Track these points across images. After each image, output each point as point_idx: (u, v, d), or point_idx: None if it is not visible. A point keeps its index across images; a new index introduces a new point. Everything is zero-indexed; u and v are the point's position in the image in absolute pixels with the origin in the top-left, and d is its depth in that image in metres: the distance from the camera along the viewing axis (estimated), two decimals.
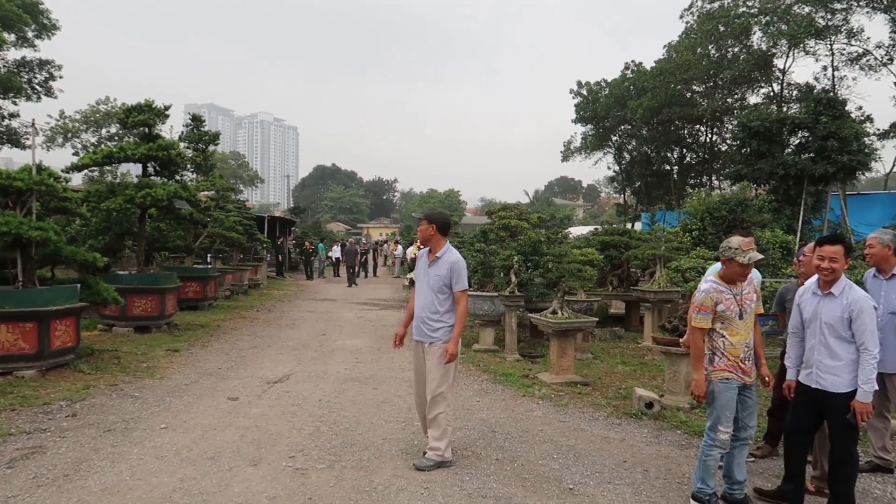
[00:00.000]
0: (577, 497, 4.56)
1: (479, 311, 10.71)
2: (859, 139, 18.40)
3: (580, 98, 40.07)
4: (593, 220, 57.26)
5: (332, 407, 6.80)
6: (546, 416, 6.69)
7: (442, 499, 4.44)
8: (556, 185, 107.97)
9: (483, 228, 15.12)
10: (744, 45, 31.30)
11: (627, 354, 10.41)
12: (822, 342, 4.24)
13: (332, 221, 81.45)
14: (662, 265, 10.92)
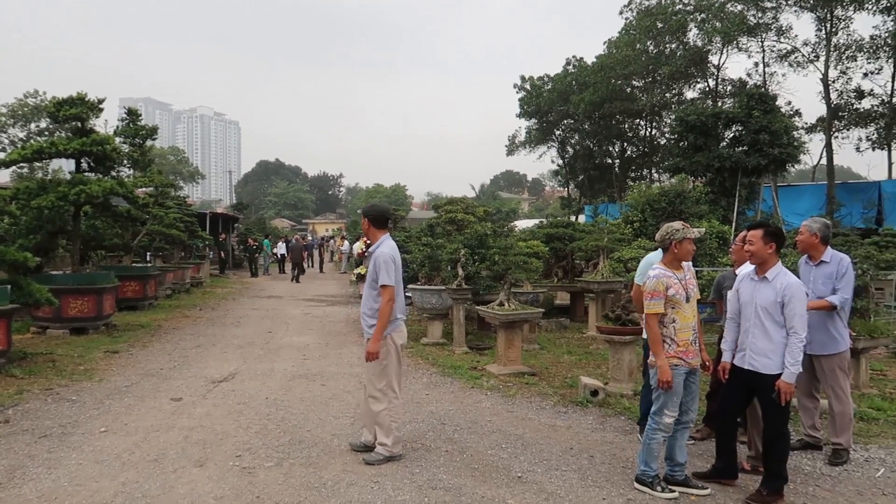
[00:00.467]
0: (526, 484, 4.63)
1: (426, 305, 10.74)
2: (789, 133, 19.18)
3: (524, 93, 40.47)
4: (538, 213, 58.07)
5: (279, 405, 6.71)
6: (494, 406, 6.77)
7: (392, 491, 4.45)
8: (502, 179, 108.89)
9: (430, 222, 15.15)
10: (680, 42, 32.17)
11: (573, 344, 10.62)
12: (756, 325, 4.44)
13: (277, 217, 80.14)
14: (605, 256, 11.16)
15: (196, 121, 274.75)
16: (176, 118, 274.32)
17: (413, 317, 13.56)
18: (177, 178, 62.15)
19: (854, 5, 26.50)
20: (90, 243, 12.84)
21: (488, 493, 4.46)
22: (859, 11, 26.68)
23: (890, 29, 26.05)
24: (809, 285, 5.25)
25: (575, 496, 4.44)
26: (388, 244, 5.13)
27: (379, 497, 4.36)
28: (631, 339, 7.03)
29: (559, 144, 42.26)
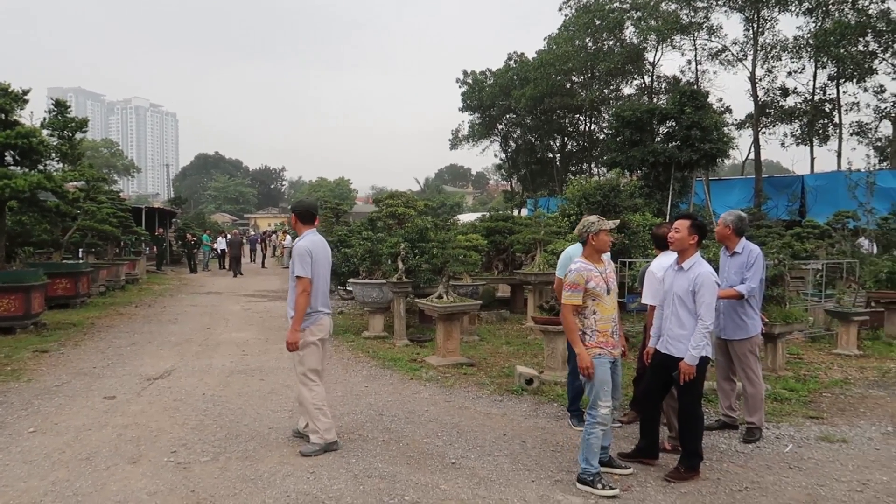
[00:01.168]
0: (459, 470, 4.79)
1: (367, 299, 10.80)
2: (719, 129, 19.95)
3: (466, 87, 40.76)
4: (482, 207, 58.52)
5: (216, 400, 6.69)
6: (432, 396, 6.91)
7: (328, 481, 4.54)
8: (447, 173, 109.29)
9: (371, 216, 15.18)
10: (618, 39, 32.95)
11: (512, 335, 10.86)
12: (672, 312, 4.71)
13: (217, 212, 78.40)
14: (542, 249, 11.44)
15: (130, 112, 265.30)
16: (109, 109, 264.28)
17: (355, 311, 13.60)
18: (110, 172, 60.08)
19: (779, 7, 27.71)
20: (17, 240, 12.38)
21: (422, 479, 4.60)
22: (784, 13, 27.93)
23: (812, 30, 27.33)
24: (724, 275, 5.58)
25: (505, 479, 4.62)
26: (308, 238, 5.23)
27: (315, 487, 4.44)
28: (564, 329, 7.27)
29: (502, 138, 42.75)
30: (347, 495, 4.31)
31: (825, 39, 25.93)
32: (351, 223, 18.77)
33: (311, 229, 5.35)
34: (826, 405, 6.60)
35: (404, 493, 4.36)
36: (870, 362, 8.65)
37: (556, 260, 10.64)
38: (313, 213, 5.47)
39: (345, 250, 12.86)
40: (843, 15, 26.66)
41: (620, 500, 4.29)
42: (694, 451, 4.66)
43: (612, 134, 22.63)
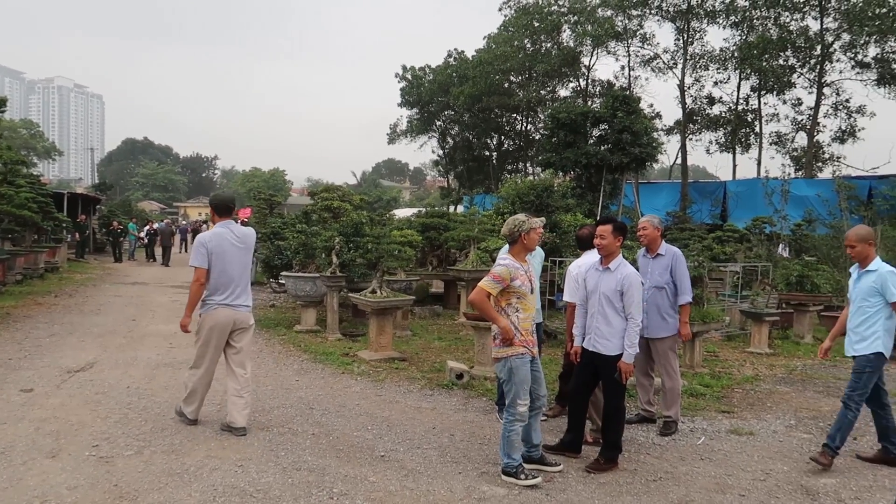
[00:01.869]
0: (388, 462, 4.87)
1: (300, 293, 10.73)
2: (649, 133, 20.68)
3: (405, 82, 40.71)
4: (419, 203, 58.66)
5: (141, 393, 6.55)
6: (364, 391, 6.96)
7: (256, 474, 4.54)
8: (384, 167, 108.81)
9: (306, 209, 15.03)
10: (555, 42, 33.60)
11: (445, 330, 11.00)
12: (599, 311, 4.92)
13: (145, 200, 75.64)
14: (475, 246, 11.62)
15: (53, 92, 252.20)
16: (29, 88, 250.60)
17: (287, 304, 13.46)
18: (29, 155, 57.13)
19: (708, 19, 28.87)
20: None
21: (351, 471, 4.66)
22: (712, 24, 29.12)
23: (737, 43, 28.60)
24: (647, 276, 5.85)
25: (433, 471, 4.73)
26: (213, 231, 5.44)
27: (242, 480, 4.44)
28: None
29: (440, 135, 42.91)
30: (276, 488, 4.33)
31: (749, 52, 27.19)
32: (285, 215, 18.51)
33: (224, 221, 5.48)
34: (737, 400, 7.00)
35: (333, 485, 4.41)
36: (779, 360, 9.21)
37: (490, 257, 10.87)
38: (230, 207, 5.59)
39: (278, 243, 12.72)
40: (766, 30, 28.02)
41: (543, 490, 4.46)
42: (614, 444, 4.89)
43: (547, 135, 23.10)
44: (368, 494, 4.29)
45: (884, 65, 26.74)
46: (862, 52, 27.12)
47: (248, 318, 5.53)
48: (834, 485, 4.71)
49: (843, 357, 9.59)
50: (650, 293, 5.77)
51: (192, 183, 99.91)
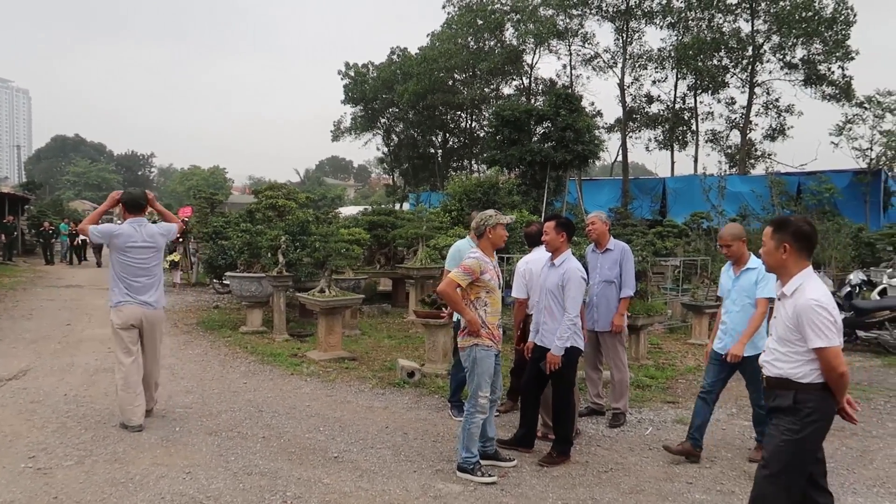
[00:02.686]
0: (342, 464, 4.82)
1: (245, 293, 10.49)
2: (591, 131, 21.05)
3: (349, 79, 40.32)
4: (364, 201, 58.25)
5: (80, 401, 6.29)
6: (314, 391, 6.86)
7: (205, 481, 4.41)
8: (328, 165, 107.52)
9: (250, 208, 14.72)
10: (498, 40, 33.87)
11: (394, 329, 10.95)
12: (545, 306, 4.99)
13: (77, 199, 72.65)
14: (424, 243, 11.61)
15: None
16: None
17: (232, 305, 13.16)
18: None
19: (646, 19, 29.60)
20: None
21: (304, 474, 4.59)
22: (650, 25, 29.87)
23: (674, 43, 29.42)
24: (596, 271, 5.96)
25: (388, 471, 4.70)
26: (122, 226, 5.64)
27: (191, 487, 4.31)
28: (445, 323, 7.43)
29: (384, 132, 42.68)
30: (227, 494, 4.22)
31: (685, 53, 28.02)
32: (228, 214, 18.07)
33: (134, 219, 5.63)
34: (681, 390, 7.20)
35: (286, 488, 4.33)
36: None
37: (439, 254, 10.87)
38: (140, 204, 5.74)
39: (222, 242, 12.41)
40: (701, 31, 28.92)
41: (498, 486, 4.49)
42: (566, 437, 4.96)
43: (491, 132, 23.28)
44: (323, 497, 4.24)
45: (810, 66, 27.98)
46: (790, 54, 28.34)
47: (156, 314, 5.63)
48: None
49: None
50: (600, 287, 5.87)
51: (127, 181, 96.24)
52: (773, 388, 3.27)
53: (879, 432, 5.84)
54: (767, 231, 3.36)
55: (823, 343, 3.06)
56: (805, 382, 3.14)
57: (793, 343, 3.18)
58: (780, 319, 3.28)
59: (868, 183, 23.31)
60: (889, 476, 4.79)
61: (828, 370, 3.10)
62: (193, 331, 10.40)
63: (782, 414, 3.20)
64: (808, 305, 3.10)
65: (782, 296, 3.29)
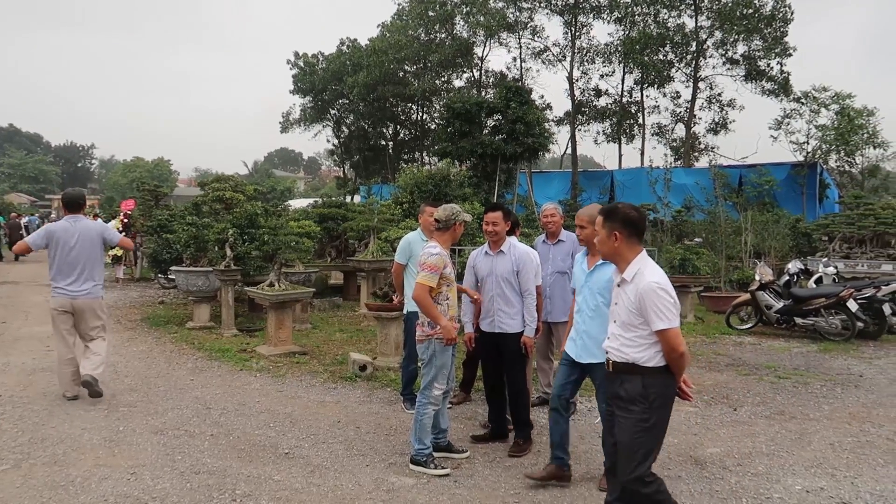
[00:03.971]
0: (293, 460, 4.75)
1: (192, 287, 10.25)
2: (541, 124, 21.21)
3: (297, 69, 39.65)
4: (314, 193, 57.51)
5: (16, 402, 6.04)
6: (264, 387, 6.75)
7: (151, 481, 4.30)
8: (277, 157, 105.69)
9: (196, 201, 14.35)
10: (449, 32, 33.80)
11: (345, 322, 10.86)
12: (499, 294, 5.03)
13: (13, 192, 69.64)
14: (375, 236, 11.53)
15: None
16: None
17: (178, 300, 12.83)
18: None
19: (593, 14, 29.97)
20: None
21: (254, 471, 4.51)
22: (598, 19, 30.26)
23: (621, 38, 29.90)
24: (548, 262, 6.01)
25: (340, 466, 4.66)
26: (60, 223, 6.12)
27: (136, 488, 4.19)
28: (397, 315, 7.40)
29: (334, 124, 42.14)
30: (173, 494, 4.12)
31: (631, 47, 28.50)
32: (173, 207, 17.59)
33: (71, 216, 6.14)
34: None
35: (235, 486, 4.25)
36: None
37: (390, 247, 10.82)
38: (79, 203, 6.26)
39: (167, 236, 12.08)
40: (647, 26, 29.45)
41: (451, 477, 4.50)
42: (526, 422, 5.04)
43: (442, 124, 23.23)
44: (273, 494, 4.17)
45: (751, 62, 28.82)
46: (732, 50, 29.15)
47: (88, 303, 6.08)
48: (719, 454, 5.05)
49: (721, 334, 10.34)
50: (553, 279, 5.93)
51: (67, 174, 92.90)
52: (620, 373, 3.32)
53: (816, 415, 6.07)
54: (599, 221, 3.43)
55: (666, 324, 3.15)
56: (650, 366, 3.23)
57: (636, 327, 3.25)
58: (622, 305, 3.34)
59: (805, 175, 24.20)
60: (826, 457, 4.99)
61: (669, 351, 3.20)
62: (138, 327, 10.11)
63: (631, 404, 3.25)
64: (649, 288, 3.18)
65: (623, 282, 3.35)
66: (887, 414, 6.12)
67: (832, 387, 7.07)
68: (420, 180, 13.85)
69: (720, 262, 13.74)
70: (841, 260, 13.73)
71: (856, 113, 25.12)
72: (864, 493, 4.34)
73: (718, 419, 5.93)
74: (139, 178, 46.07)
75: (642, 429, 3.23)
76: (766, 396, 6.68)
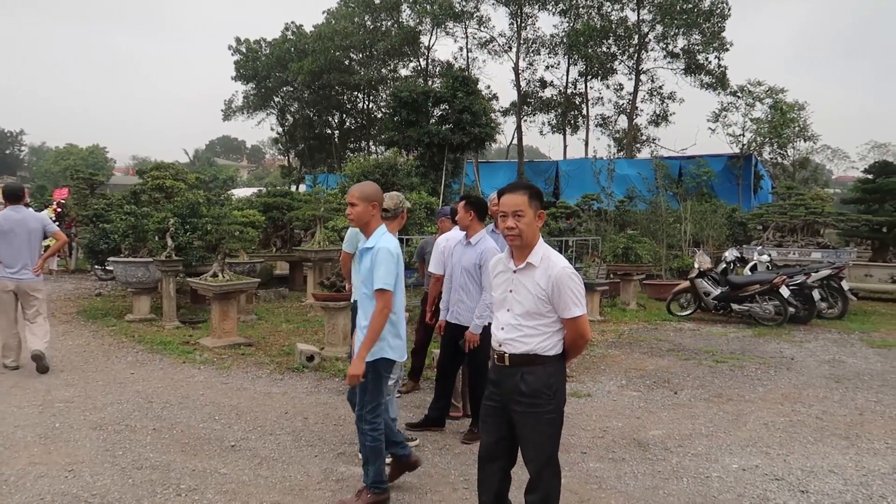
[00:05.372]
0: (239, 452, 4.68)
1: (131, 279, 9.92)
2: (487, 114, 21.35)
3: (240, 55, 38.70)
4: (258, 182, 56.41)
5: None
6: (208, 380, 6.61)
7: (91, 478, 4.16)
8: (219, 145, 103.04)
9: (134, 189, 13.90)
10: (395, 20, 33.56)
11: (292, 313, 10.72)
12: (461, 285, 5.05)
13: None
14: (322, 225, 11.41)
15: None
16: None
17: (116, 292, 12.43)
18: None
19: (538, 5, 30.24)
20: None
21: (200, 465, 4.42)
22: (543, 11, 30.55)
23: (565, 29, 30.27)
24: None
25: (288, 457, 4.61)
26: (2, 213, 6.68)
27: (75, 486, 4.05)
28: (345, 305, 7.33)
29: (278, 112, 41.33)
30: (114, 491, 4.00)
31: (576, 39, 28.90)
32: (109, 196, 16.97)
33: (13, 206, 6.74)
34: (574, 365, 7.48)
35: (180, 481, 4.16)
36: (609, 326, 9.98)
37: (337, 236, 10.73)
38: (17, 194, 6.89)
39: (103, 226, 11.66)
40: (591, 18, 29.89)
41: None
42: None
43: (389, 113, 23.14)
44: (220, 487, 4.10)
45: (690, 55, 29.59)
46: (672, 44, 29.85)
47: (30, 284, 6.69)
48: (661, 436, 5.21)
49: (662, 320, 10.64)
50: None
51: None
52: (520, 366, 3.09)
53: (752, 396, 6.33)
54: (524, 200, 3.08)
55: (581, 310, 3.05)
56: (551, 355, 3.09)
57: (543, 315, 3.08)
58: (524, 293, 3.10)
59: (741, 167, 25.07)
60: (760, 437, 5.21)
61: (579, 336, 3.11)
62: (74, 320, 9.74)
63: (534, 398, 3.07)
64: (564, 274, 3.03)
65: (528, 266, 3.10)
66: (816, 394, 6.42)
67: (766, 370, 7.37)
68: (367, 169, 13.76)
69: (661, 251, 14.13)
70: (774, 248, 14.28)
71: (788, 107, 26.14)
72: (795, 470, 4.55)
73: (660, 402, 6.11)
74: (73, 166, 44.23)
75: (549, 421, 3.09)
76: (705, 380, 6.92)
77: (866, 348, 8.62)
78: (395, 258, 3.88)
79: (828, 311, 10.77)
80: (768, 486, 4.30)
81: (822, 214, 15.03)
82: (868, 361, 7.86)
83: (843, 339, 9.24)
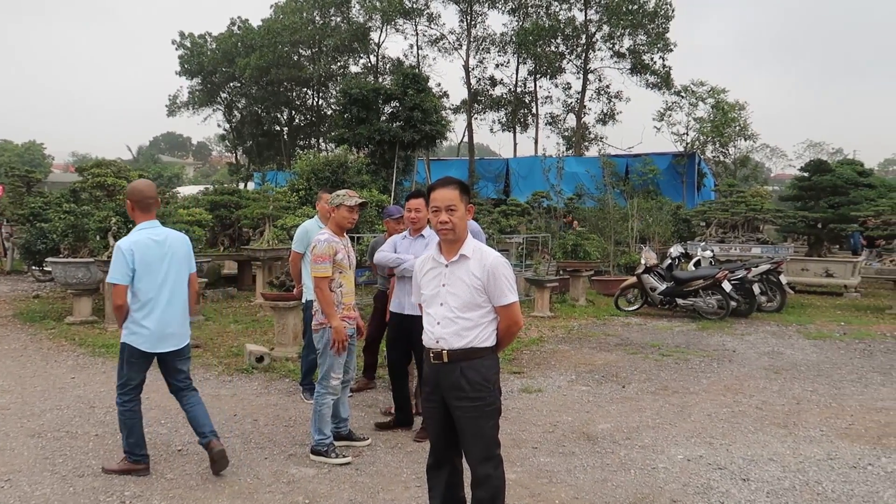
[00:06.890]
0: (186, 456, 4.59)
1: (71, 280, 9.59)
2: (438, 112, 21.31)
3: (184, 50, 37.74)
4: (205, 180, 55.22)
5: None
6: (153, 383, 6.30)
7: (28, 487, 4.02)
8: (163, 141, 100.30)
9: (73, 187, 13.42)
10: (345, 16, 33.22)
11: (240, 313, 10.53)
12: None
13: None
14: (271, 224, 11.24)
15: None
16: None
17: (55, 294, 12.00)
18: None
19: (488, 3, 30.40)
20: None
21: None
22: (493, 9, 30.72)
23: (515, 28, 30.52)
24: None
25: (237, 460, 4.54)
26: None
27: (12, 496, 3.91)
28: (295, 305, 7.25)
29: (225, 108, 40.45)
30: (54, 500, 3.88)
31: (525, 38, 29.15)
32: (47, 194, 16.35)
33: None
34: (526, 361, 7.59)
35: (124, 488, 4.05)
36: (559, 322, 10.13)
37: (287, 235, 10.57)
38: None
39: (41, 225, 11.25)
40: (540, 17, 30.21)
41: (353, 465, 4.49)
42: None
43: (339, 110, 22.86)
44: (166, 493, 4.01)
45: (636, 55, 30.19)
46: (618, 44, 30.38)
47: None
48: (609, 429, 5.32)
49: (611, 315, 10.86)
50: None
51: None
52: (458, 361, 3.10)
53: (696, 388, 6.52)
54: (456, 195, 3.14)
55: (514, 297, 3.12)
56: (487, 346, 3.13)
57: (479, 306, 3.11)
58: (459, 285, 3.12)
59: (685, 165, 25.73)
60: (704, 428, 5.37)
61: (513, 323, 3.16)
62: (9, 324, 9.36)
63: (475, 392, 3.09)
64: (498, 262, 3.11)
65: (462, 258, 3.14)
66: (756, 385, 6.66)
67: (709, 362, 7.60)
68: (317, 167, 13.60)
69: (609, 248, 14.40)
70: (717, 244, 14.73)
71: (729, 107, 26.96)
72: (737, 459, 4.71)
73: (608, 396, 6.24)
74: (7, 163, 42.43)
75: (490, 413, 3.13)
76: (652, 373, 7.10)
77: (803, 340, 8.97)
78: (124, 255, 4.32)
79: (767, 304, 11.15)
80: (712, 475, 4.44)
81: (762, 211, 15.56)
82: (804, 352, 8.18)
83: (782, 331, 9.60)
